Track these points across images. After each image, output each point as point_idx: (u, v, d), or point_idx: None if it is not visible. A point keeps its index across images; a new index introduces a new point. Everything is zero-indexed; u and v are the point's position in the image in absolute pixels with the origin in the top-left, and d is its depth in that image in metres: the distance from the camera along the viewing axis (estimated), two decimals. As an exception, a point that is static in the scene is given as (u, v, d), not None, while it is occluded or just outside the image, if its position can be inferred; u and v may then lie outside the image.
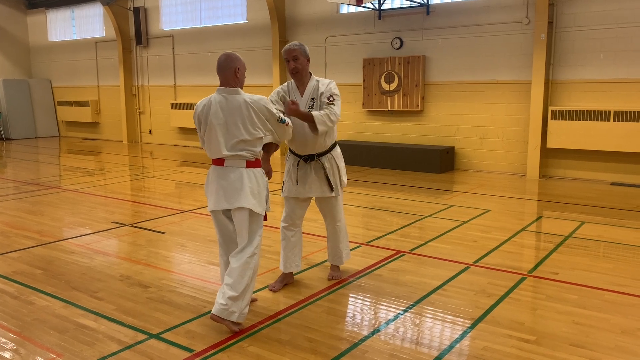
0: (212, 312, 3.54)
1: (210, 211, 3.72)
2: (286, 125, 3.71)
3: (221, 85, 3.59)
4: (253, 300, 4.02)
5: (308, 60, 4.18)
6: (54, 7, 17.90)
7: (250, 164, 3.59)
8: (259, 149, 3.62)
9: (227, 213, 3.70)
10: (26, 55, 18.92)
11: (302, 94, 4.19)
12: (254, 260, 3.60)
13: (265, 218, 3.76)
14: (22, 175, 10.37)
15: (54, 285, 4.49)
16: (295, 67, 4.11)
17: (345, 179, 4.44)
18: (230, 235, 3.74)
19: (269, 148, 3.91)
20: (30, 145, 15.86)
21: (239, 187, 3.54)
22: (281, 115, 3.69)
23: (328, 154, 4.31)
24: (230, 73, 3.55)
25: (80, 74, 17.51)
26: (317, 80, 4.21)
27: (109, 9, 15.14)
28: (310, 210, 4.53)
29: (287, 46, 4.14)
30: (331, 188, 4.30)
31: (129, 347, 3.39)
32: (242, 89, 3.61)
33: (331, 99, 4.13)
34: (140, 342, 3.45)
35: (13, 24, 18.47)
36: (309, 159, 4.27)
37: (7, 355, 3.33)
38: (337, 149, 4.42)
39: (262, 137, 3.60)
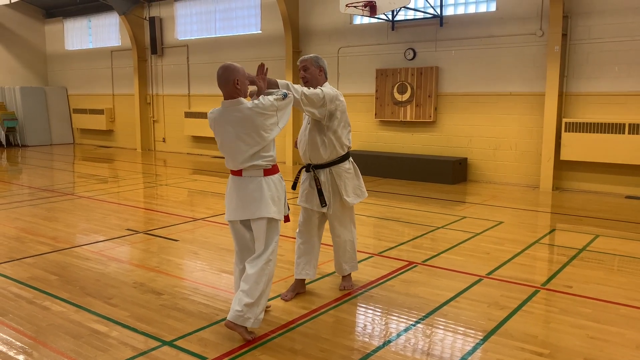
0: (227, 318, 3.56)
1: (228, 221, 3.75)
2: (289, 95, 3.65)
3: (225, 98, 3.58)
4: (267, 308, 4.03)
5: (320, 70, 4.24)
6: (71, 16, 18.19)
7: (268, 172, 3.62)
8: (273, 152, 3.64)
9: (245, 222, 3.72)
10: (43, 63, 19.20)
11: None
12: (269, 267, 3.62)
13: (287, 219, 3.80)
14: (37, 182, 10.50)
15: (68, 291, 4.54)
16: (305, 76, 4.22)
17: (350, 199, 4.29)
18: (246, 243, 3.76)
19: None
20: (45, 152, 16.06)
21: (259, 197, 3.57)
22: (279, 94, 3.62)
23: (327, 168, 4.26)
24: (231, 86, 3.53)
25: (96, 82, 17.74)
26: None
27: (125, 18, 15.36)
28: (322, 219, 4.54)
29: (301, 57, 4.29)
30: (323, 203, 4.23)
31: (142, 353, 3.42)
32: (245, 97, 3.60)
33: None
34: (153, 349, 3.47)
35: (31, 32, 18.79)
36: (308, 168, 4.32)
37: (22, 358, 3.37)
38: (343, 166, 4.30)
39: (274, 138, 3.60)
